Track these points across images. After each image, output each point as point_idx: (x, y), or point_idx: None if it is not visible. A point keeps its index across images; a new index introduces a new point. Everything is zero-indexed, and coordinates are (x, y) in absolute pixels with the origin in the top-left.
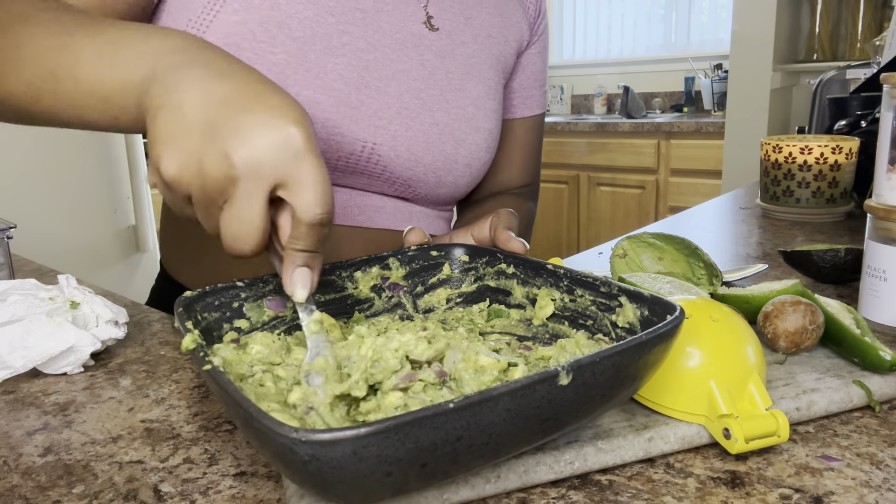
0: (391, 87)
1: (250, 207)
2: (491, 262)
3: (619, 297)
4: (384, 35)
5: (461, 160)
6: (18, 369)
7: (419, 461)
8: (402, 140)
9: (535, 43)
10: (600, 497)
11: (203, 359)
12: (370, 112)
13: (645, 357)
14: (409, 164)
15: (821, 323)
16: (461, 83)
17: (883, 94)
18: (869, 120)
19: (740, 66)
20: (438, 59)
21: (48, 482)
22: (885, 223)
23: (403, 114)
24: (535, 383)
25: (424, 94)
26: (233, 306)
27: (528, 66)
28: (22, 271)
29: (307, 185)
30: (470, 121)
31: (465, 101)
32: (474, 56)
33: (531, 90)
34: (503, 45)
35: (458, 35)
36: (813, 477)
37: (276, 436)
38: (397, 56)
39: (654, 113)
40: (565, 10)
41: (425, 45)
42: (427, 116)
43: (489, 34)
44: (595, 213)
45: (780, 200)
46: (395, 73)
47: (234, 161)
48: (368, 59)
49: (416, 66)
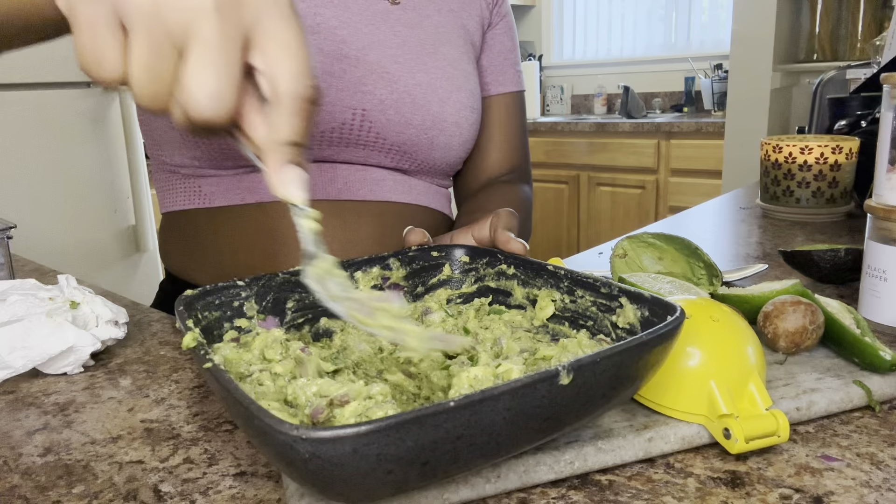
0: (369, 56)
1: (224, 50)
2: (491, 262)
3: (620, 298)
4: (353, 13)
5: (448, 118)
6: (18, 369)
7: (420, 460)
8: (390, 103)
9: (499, 24)
10: (600, 497)
11: (204, 357)
12: (354, 79)
13: (646, 357)
14: (400, 128)
15: (821, 323)
16: (434, 47)
17: (883, 94)
18: (869, 120)
19: (740, 66)
20: (408, 29)
21: (48, 482)
22: (885, 223)
23: (386, 78)
24: (535, 382)
25: (402, 59)
26: (233, 305)
27: (495, 45)
28: (22, 271)
29: (292, 47)
30: (450, 80)
31: (441, 62)
32: (441, 26)
33: (503, 67)
34: (466, 18)
35: (422, 9)
36: (813, 477)
37: (277, 433)
38: (369, 30)
39: (654, 113)
40: (565, 10)
41: (393, 18)
42: (409, 78)
43: (451, 9)
44: (595, 213)
45: (780, 200)
46: (371, 42)
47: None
48: (343, 34)
49: (389, 35)
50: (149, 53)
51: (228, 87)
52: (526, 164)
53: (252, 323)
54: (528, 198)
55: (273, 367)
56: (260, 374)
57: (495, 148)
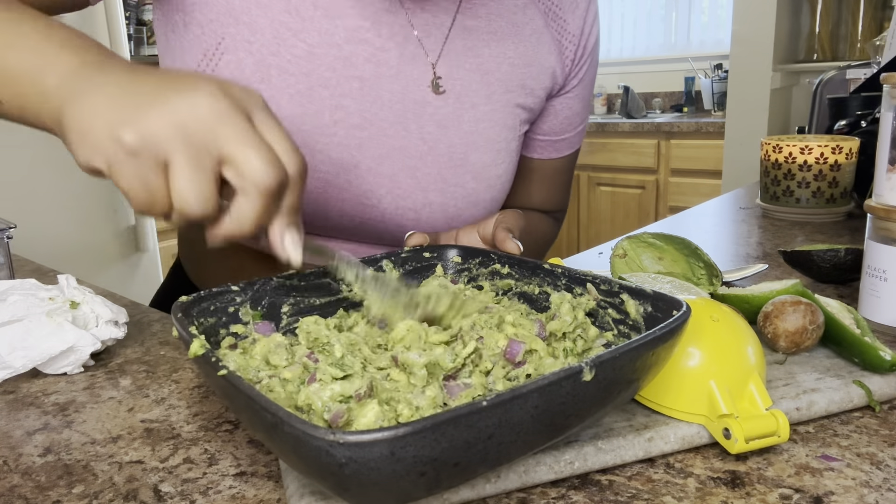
0: (384, 167)
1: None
2: (484, 262)
3: (621, 295)
4: (383, 107)
5: (457, 225)
6: (18, 369)
7: (452, 460)
8: (392, 216)
9: (577, 87)
10: (600, 497)
11: (217, 364)
12: (359, 192)
13: (658, 351)
14: (401, 233)
15: (821, 323)
16: (464, 156)
17: (883, 94)
18: (869, 120)
19: (740, 66)
20: (441, 129)
21: (48, 482)
22: (885, 223)
23: (395, 193)
24: (561, 380)
25: (420, 174)
26: (228, 311)
27: (562, 111)
28: (22, 271)
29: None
30: (467, 197)
31: (465, 177)
32: (483, 120)
33: (563, 134)
34: (524, 96)
35: (469, 97)
36: (813, 477)
37: (310, 439)
38: (395, 131)
39: (654, 113)
40: None
41: (428, 114)
42: (420, 196)
43: (507, 89)
44: (595, 213)
45: (780, 200)
46: (391, 150)
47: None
48: (362, 137)
49: (416, 140)
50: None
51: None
52: (565, 206)
53: (248, 328)
54: (551, 230)
55: (281, 372)
56: (269, 381)
57: (537, 197)
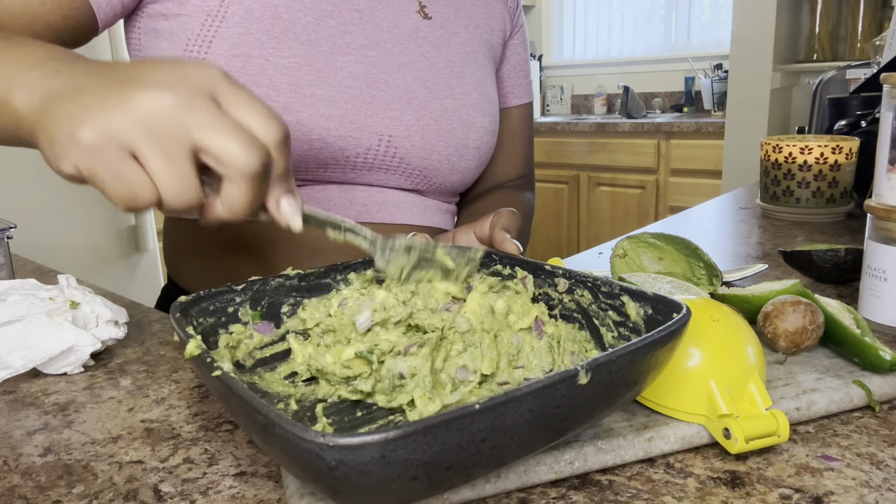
0: (398, 79)
1: (167, 163)
2: (485, 263)
3: (621, 297)
4: (383, 31)
5: (471, 143)
6: (18, 369)
7: (444, 464)
8: (416, 129)
9: (517, 33)
10: (600, 497)
11: (212, 365)
12: (382, 105)
13: (657, 354)
14: (424, 153)
15: (821, 323)
16: (461, 70)
17: (883, 94)
18: (869, 120)
19: (740, 66)
20: (436, 49)
21: (48, 482)
22: (885, 223)
23: (413, 104)
24: (556, 383)
25: (430, 83)
26: (228, 311)
27: (512, 56)
28: (22, 271)
29: (218, 141)
30: (475, 105)
31: (468, 87)
32: (468, 45)
33: (518, 79)
34: (490, 34)
35: (450, 25)
36: (813, 477)
37: (300, 441)
38: (398, 49)
39: (654, 113)
40: (565, 10)
41: (422, 36)
42: (436, 104)
43: (476, 24)
44: (595, 213)
45: (780, 200)
46: (400, 65)
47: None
48: (372, 56)
49: (417, 57)
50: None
51: (186, 181)
52: (531, 172)
53: (248, 328)
54: (531, 204)
55: None
56: None
57: (504, 158)
